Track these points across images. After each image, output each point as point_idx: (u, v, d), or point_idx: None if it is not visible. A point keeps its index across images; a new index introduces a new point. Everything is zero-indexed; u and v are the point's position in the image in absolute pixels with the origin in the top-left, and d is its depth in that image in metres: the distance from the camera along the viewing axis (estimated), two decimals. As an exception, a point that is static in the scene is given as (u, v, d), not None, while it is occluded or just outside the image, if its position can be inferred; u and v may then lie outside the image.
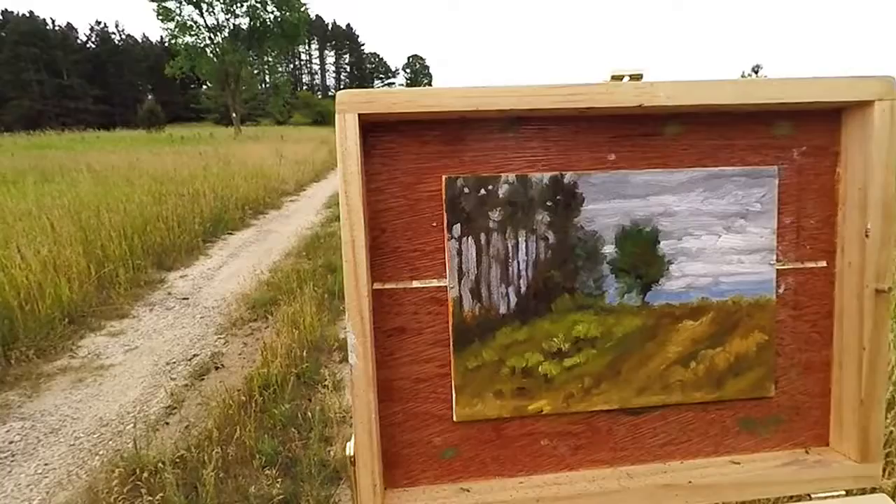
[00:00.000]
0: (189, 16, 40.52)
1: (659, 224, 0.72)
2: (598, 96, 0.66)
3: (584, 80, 0.67)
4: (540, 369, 0.72)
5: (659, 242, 0.73)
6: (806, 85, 0.69)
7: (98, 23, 72.01)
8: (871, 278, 0.72)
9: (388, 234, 0.70)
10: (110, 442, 2.81)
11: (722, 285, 0.74)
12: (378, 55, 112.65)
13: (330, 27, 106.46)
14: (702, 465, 0.76)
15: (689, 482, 0.73)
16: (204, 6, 40.53)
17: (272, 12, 42.18)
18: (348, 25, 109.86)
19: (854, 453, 0.75)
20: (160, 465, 2.45)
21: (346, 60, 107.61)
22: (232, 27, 41.86)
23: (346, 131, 0.63)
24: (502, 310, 0.71)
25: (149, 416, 3.04)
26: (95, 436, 2.89)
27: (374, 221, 0.70)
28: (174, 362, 3.77)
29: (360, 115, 0.64)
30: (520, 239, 0.71)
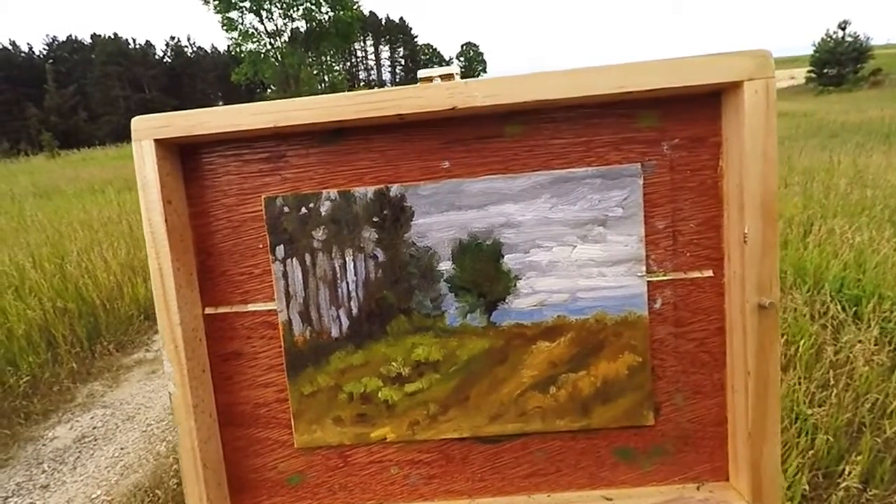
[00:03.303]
0: (250, 24, 42.56)
1: (502, 236, 0.65)
2: (407, 101, 0.60)
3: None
4: (380, 395, 0.68)
5: (503, 257, 0.66)
6: (656, 68, 0.59)
7: (172, 38, 77.40)
8: (752, 291, 0.61)
9: (216, 257, 0.68)
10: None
11: (580, 302, 0.66)
12: (431, 46, 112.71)
13: (383, 22, 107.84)
14: (572, 500, 0.69)
15: None
16: (263, 13, 42.38)
17: (326, 13, 43.35)
18: (401, 18, 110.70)
19: (747, 492, 0.64)
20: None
21: (401, 54, 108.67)
22: (290, 31, 43.52)
23: (144, 158, 0.62)
24: (334, 333, 0.68)
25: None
26: (164, 423, 3.14)
27: (201, 246, 0.68)
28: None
29: (157, 140, 0.62)
30: (347, 258, 0.67)
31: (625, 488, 0.69)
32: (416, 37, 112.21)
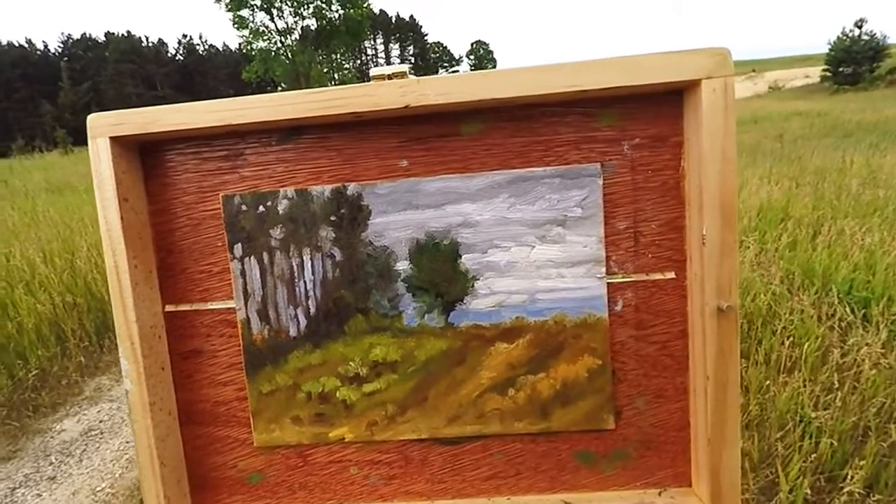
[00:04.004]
0: (261, 22, 42.80)
1: (459, 236, 0.64)
2: (360, 100, 0.59)
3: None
4: (338, 395, 0.68)
5: (460, 257, 0.65)
6: (611, 66, 0.57)
7: (184, 36, 78.14)
8: (711, 294, 0.59)
9: (176, 255, 0.68)
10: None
11: (539, 303, 0.65)
12: (442, 44, 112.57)
13: (393, 20, 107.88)
14: (532, 503, 0.68)
15: None
16: (274, 11, 42.60)
17: (337, 11, 43.47)
18: (411, 17, 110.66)
19: (707, 498, 0.63)
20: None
21: (411, 52, 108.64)
22: (301, 29, 43.71)
23: (99, 155, 0.62)
24: (292, 332, 0.67)
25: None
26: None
27: (161, 243, 0.68)
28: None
29: (113, 137, 0.62)
30: (304, 257, 0.66)
31: (586, 492, 0.68)
32: (426, 35, 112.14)
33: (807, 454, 1.82)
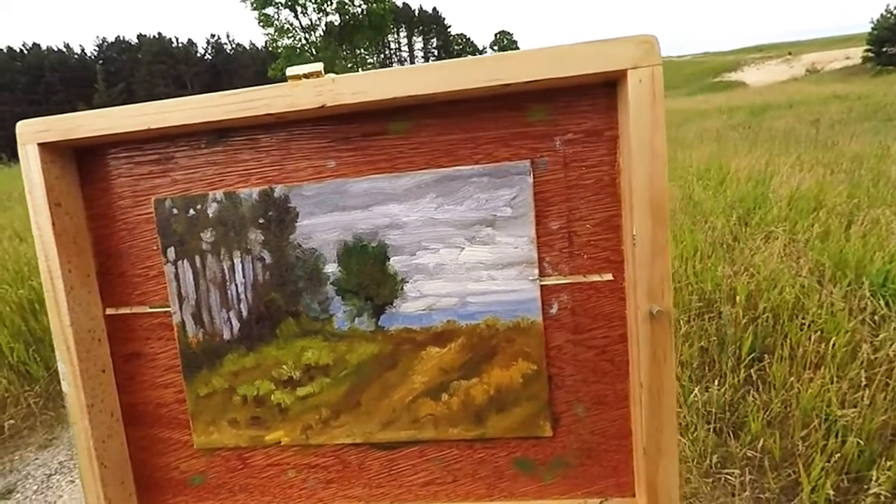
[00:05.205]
0: (286, 19, 43.32)
1: (387, 238, 0.63)
2: (276, 100, 0.58)
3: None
4: (273, 398, 0.67)
5: (389, 259, 0.63)
6: (533, 58, 0.55)
7: (213, 35, 79.78)
8: (642, 297, 0.56)
9: (114, 259, 0.69)
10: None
11: (471, 306, 0.63)
12: (465, 36, 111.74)
13: (416, 13, 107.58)
14: (470, 510, 0.66)
15: None
16: (298, 8, 43.05)
17: (360, 6, 43.62)
18: (434, 9, 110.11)
19: (646, 511, 0.60)
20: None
21: (434, 45, 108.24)
22: (324, 25, 44.06)
23: (29, 162, 0.62)
24: (226, 335, 0.67)
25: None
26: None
27: (100, 247, 0.69)
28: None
29: (42, 144, 0.62)
30: (235, 260, 0.66)
31: (525, 500, 0.66)
32: (450, 27, 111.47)
33: (831, 453, 1.74)
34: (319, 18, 44.26)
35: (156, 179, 0.66)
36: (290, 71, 0.58)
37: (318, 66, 0.57)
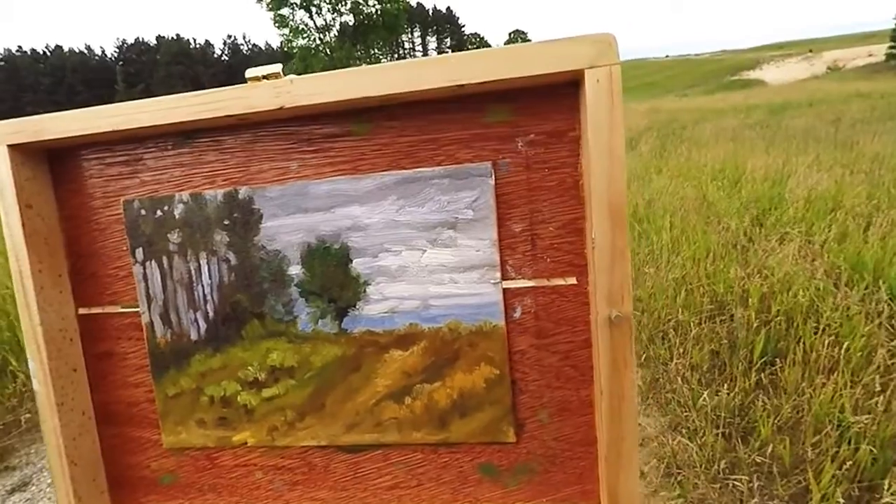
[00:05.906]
0: (301, 20, 43.72)
1: (349, 240, 0.63)
2: (234, 102, 0.58)
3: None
4: (239, 399, 0.68)
5: (351, 261, 0.63)
6: (489, 58, 0.54)
7: (229, 36, 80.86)
8: (602, 302, 0.55)
9: (86, 259, 0.69)
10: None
11: (433, 309, 0.62)
12: (479, 35, 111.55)
13: (430, 13, 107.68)
14: (434, 515, 0.66)
15: None
16: (313, 9, 43.40)
17: (374, 6, 43.83)
18: (448, 9, 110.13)
19: (608, 520, 0.59)
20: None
21: (448, 44, 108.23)
22: (339, 25, 44.36)
23: (-1, 164, 0.63)
24: (193, 336, 0.67)
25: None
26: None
27: (72, 248, 0.69)
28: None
29: (12, 145, 0.63)
30: (201, 261, 0.66)
31: None
32: (464, 26, 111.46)
33: (843, 461, 1.70)
34: (334, 19, 44.57)
35: (125, 181, 0.67)
36: (249, 72, 0.58)
37: (277, 68, 0.57)
